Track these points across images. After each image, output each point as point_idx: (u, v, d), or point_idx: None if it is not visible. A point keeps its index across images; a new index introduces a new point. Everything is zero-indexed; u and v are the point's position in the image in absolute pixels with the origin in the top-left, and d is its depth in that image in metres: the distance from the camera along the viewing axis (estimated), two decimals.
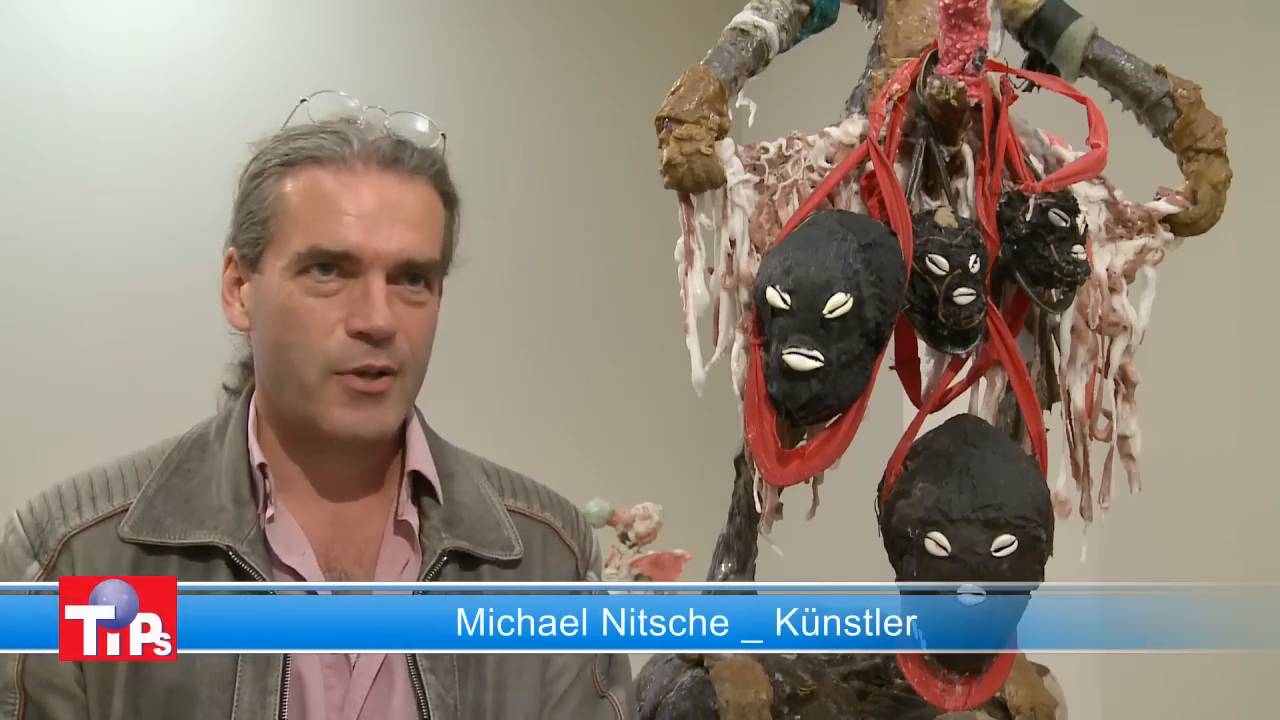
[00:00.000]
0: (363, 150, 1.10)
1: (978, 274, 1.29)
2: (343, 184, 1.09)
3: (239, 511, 1.09)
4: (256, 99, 3.38)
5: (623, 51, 3.57)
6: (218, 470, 1.12)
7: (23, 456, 2.82)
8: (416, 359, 1.12)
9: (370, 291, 1.07)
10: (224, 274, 1.16)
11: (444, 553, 1.14)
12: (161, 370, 3.03)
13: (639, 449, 3.50)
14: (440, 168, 1.16)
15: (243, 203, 1.14)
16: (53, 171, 3.02)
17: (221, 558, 1.07)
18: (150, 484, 1.11)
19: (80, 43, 3.07)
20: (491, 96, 3.44)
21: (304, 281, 1.08)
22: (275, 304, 1.09)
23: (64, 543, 1.07)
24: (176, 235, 3.10)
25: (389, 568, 1.14)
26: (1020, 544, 1.25)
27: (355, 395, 1.08)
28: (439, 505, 1.16)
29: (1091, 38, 1.51)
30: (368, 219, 1.08)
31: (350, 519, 1.15)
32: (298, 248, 1.08)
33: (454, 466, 1.21)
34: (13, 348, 2.96)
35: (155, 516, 1.08)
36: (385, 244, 1.08)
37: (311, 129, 1.12)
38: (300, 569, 1.10)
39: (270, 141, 1.13)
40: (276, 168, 1.11)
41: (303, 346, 1.08)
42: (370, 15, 3.39)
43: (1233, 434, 2.56)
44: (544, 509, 1.25)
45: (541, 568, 1.20)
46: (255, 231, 1.11)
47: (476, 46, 3.47)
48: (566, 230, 3.52)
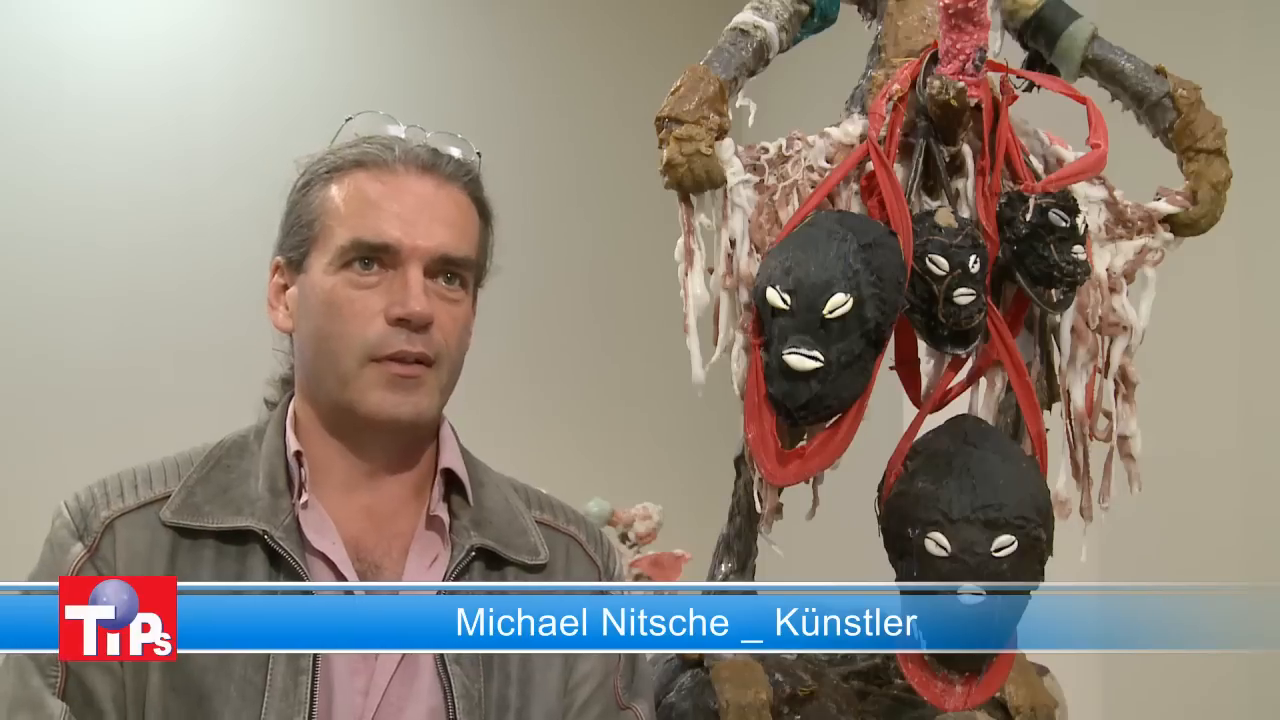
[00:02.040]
0: (404, 155, 1.18)
1: (978, 274, 1.29)
2: (384, 184, 1.16)
3: (275, 500, 1.13)
4: (256, 100, 3.40)
5: (623, 51, 3.58)
6: (256, 465, 1.16)
7: (23, 456, 2.83)
8: (451, 353, 1.18)
9: (409, 281, 1.13)
10: (270, 281, 1.22)
11: (473, 549, 1.17)
12: (161, 370, 3.04)
13: (639, 449, 3.50)
14: (475, 178, 1.23)
15: (290, 212, 1.20)
16: (53, 171, 3.02)
17: (257, 541, 1.11)
18: (192, 476, 1.15)
19: (80, 43, 3.07)
20: (491, 96, 3.44)
21: (347, 275, 1.14)
22: (319, 298, 1.15)
23: (107, 525, 1.11)
24: (176, 235, 3.11)
25: (419, 561, 1.17)
26: (1020, 544, 1.25)
27: (392, 379, 1.13)
28: (469, 506, 1.21)
29: (1091, 38, 1.51)
30: (408, 215, 1.15)
31: (383, 512, 1.18)
32: (341, 242, 1.14)
33: (483, 477, 1.26)
34: (13, 348, 2.96)
35: (195, 503, 1.13)
36: (424, 239, 1.15)
37: (356, 141, 1.20)
38: (331, 555, 1.13)
39: (317, 156, 1.21)
40: (323, 175, 1.18)
41: (344, 335, 1.13)
42: (370, 15, 3.40)
43: (1233, 434, 2.56)
44: (569, 523, 1.29)
45: (565, 575, 1.24)
46: (301, 235, 1.17)
47: (476, 46, 3.48)
48: (566, 230, 3.52)
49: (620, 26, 3.62)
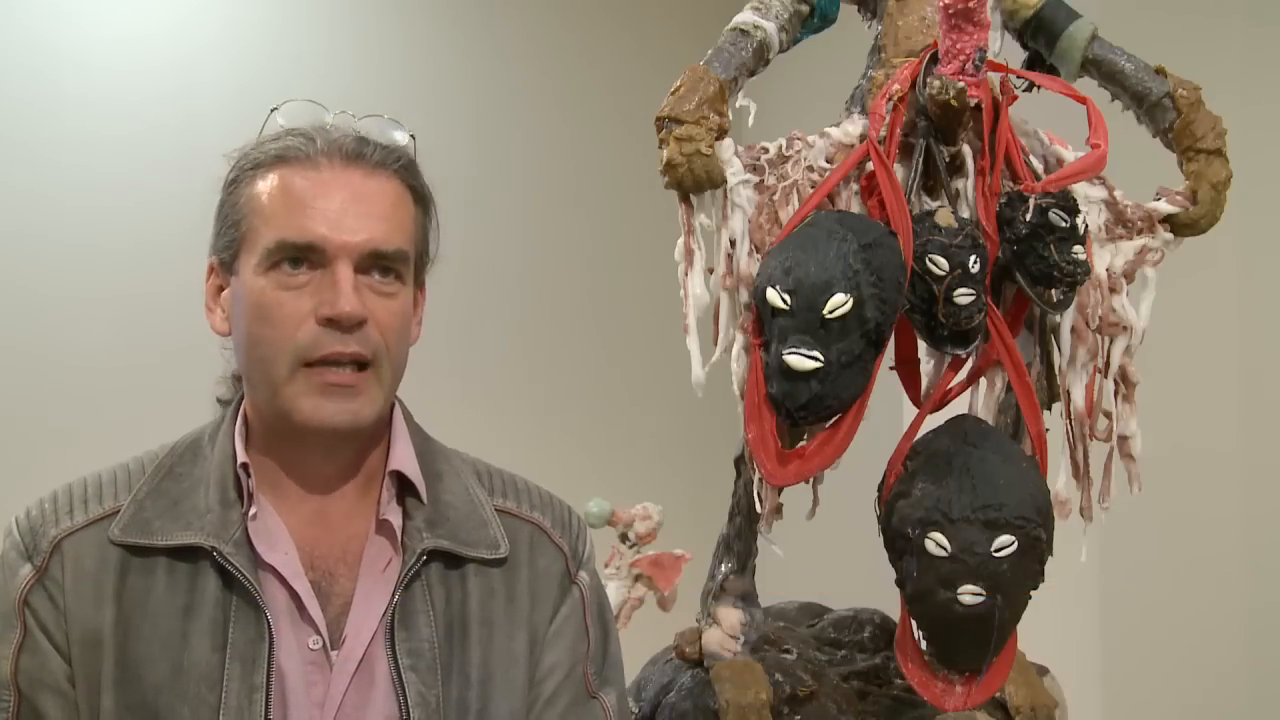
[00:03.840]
0: (327, 147, 1.13)
1: (978, 274, 1.29)
2: (308, 180, 1.11)
3: (225, 513, 1.10)
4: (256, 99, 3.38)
5: (623, 51, 3.57)
6: (206, 474, 1.13)
7: (23, 456, 2.83)
8: (391, 351, 1.13)
9: (337, 279, 1.09)
10: (206, 283, 1.18)
11: (424, 552, 1.14)
12: (161, 370, 3.03)
13: (639, 449, 3.50)
14: (407, 163, 1.17)
15: (220, 210, 1.16)
16: (53, 171, 3.02)
17: (207, 558, 1.09)
18: (141, 488, 1.12)
19: (80, 43, 3.07)
20: (491, 97, 3.44)
21: (275, 276, 1.10)
22: (249, 302, 1.11)
23: (55, 544, 1.09)
24: (176, 235, 3.08)
25: (372, 568, 1.14)
26: (1020, 544, 1.25)
27: (325, 386, 1.09)
28: (423, 505, 1.17)
29: (1091, 38, 1.51)
30: (333, 211, 1.10)
31: (334, 517, 1.15)
32: (267, 243, 1.10)
33: (442, 466, 1.22)
34: (13, 348, 2.95)
35: (145, 519, 1.10)
36: (351, 235, 1.10)
37: (280, 133, 1.16)
38: (281, 568, 1.11)
39: (244, 150, 1.17)
40: (248, 172, 1.14)
41: (274, 340, 1.09)
42: (369, 15, 3.39)
43: (1233, 434, 2.56)
44: (533, 509, 1.25)
45: (529, 567, 1.21)
46: (230, 235, 1.14)
47: (475, 47, 3.47)
48: (566, 230, 3.52)
49: (620, 27, 3.62)
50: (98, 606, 1.07)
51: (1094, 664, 2.49)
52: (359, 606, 1.12)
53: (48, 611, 1.07)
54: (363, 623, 1.11)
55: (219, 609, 1.08)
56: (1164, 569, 2.49)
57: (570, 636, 1.21)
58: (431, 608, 1.13)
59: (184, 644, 1.06)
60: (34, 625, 1.07)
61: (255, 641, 1.07)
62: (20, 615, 1.07)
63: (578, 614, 1.23)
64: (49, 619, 1.07)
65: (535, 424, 3.39)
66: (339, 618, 1.11)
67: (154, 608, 1.07)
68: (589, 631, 1.23)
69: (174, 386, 3.00)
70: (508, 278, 3.39)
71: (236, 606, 1.08)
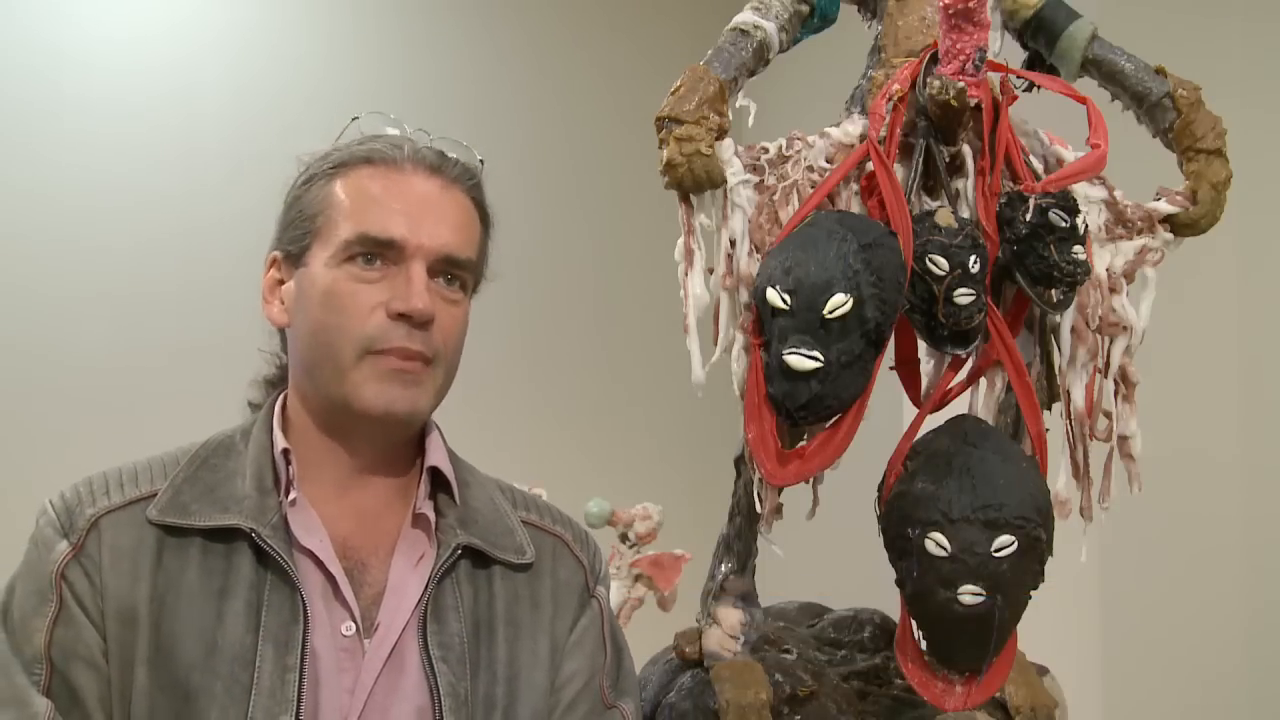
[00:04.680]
0: (412, 154, 1.19)
1: (978, 274, 1.29)
2: (391, 181, 1.17)
3: (262, 499, 1.13)
4: (257, 100, 3.40)
5: (623, 52, 3.58)
6: (242, 465, 1.16)
7: (23, 456, 2.83)
8: (448, 354, 1.18)
9: (412, 277, 1.14)
10: (265, 276, 1.22)
11: (459, 547, 1.17)
12: (161, 370, 3.03)
13: (639, 449, 3.50)
14: (477, 183, 1.24)
15: (291, 206, 1.20)
16: (53, 171, 3.02)
17: (244, 539, 1.11)
18: (179, 475, 1.15)
19: (80, 43, 3.07)
20: (491, 97, 3.44)
21: (349, 269, 1.14)
22: (319, 291, 1.15)
23: (93, 522, 1.10)
24: (176, 235, 3.11)
25: (405, 560, 1.17)
26: (1020, 544, 1.25)
27: (390, 373, 1.13)
28: (455, 505, 1.21)
29: (1091, 38, 1.51)
30: (414, 213, 1.16)
31: (370, 511, 1.18)
32: (345, 235, 1.15)
33: (469, 477, 1.26)
34: (13, 347, 2.96)
35: (182, 502, 1.12)
36: (429, 238, 1.15)
37: (364, 139, 1.21)
38: (319, 552, 1.13)
39: (321, 153, 1.21)
40: (327, 171, 1.19)
41: (342, 328, 1.13)
42: (370, 16, 3.39)
43: (1233, 434, 2.56)
44: (555, 523, 1.30)
45: (552, 576, 1.25)
46: (302, 228, 1.17)
47: (475, 47, 3.48)
48: (566, 231, 3.53)
49: (620, 27, 3.62)
50: (134, 583, 1.08)
51: (1094, 664, 2.49)
52: (392, 596, 1.14)
53: (84, 586, 1.08)
54: (396, 612, 1.14)
55: (253, 591, 1.10)
56: (1164, 569, 2.49)
57: (589, 646, 1.25)
58: (460, 604, 1.16)
59: (219, 624, 1.08)
60: (70, 598, 1.08)
61: (289, 624, 1.09)
62: (57, 588, 1.08)
63: (596, 626, 1.27)
64: (85, 593, 1.08)
65: (535, 424, 3.39)
66: (371, 607, 1.14)
67: (189, 588, 1.09)
68: (606, 644, 1.27)
69: (174, 387, 3.02)
70: (507, 278, 3.38)
71: (271, 588, 1.10)
